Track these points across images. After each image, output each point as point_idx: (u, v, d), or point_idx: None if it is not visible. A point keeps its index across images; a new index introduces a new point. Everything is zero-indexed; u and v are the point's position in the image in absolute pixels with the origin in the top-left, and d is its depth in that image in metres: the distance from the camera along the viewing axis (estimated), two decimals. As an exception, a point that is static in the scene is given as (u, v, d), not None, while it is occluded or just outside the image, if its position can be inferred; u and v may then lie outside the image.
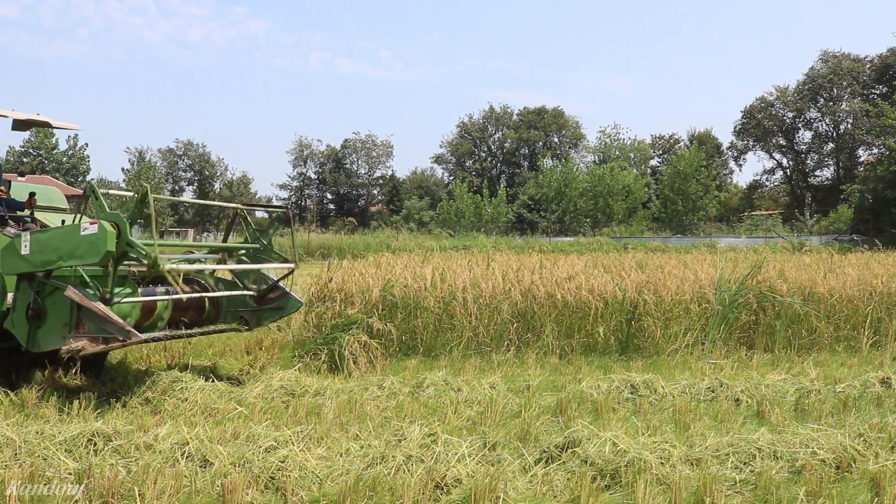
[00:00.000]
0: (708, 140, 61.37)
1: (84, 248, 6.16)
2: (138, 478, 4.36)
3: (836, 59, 54.28)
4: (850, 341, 9.57)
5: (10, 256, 6.50)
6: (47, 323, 6.46)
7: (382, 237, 36.60)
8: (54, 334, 6.41)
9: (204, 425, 5.51)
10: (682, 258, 14.59)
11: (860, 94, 53.19)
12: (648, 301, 9.09)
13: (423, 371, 7.73)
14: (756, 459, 4.87)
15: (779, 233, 39.62)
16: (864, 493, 4.46)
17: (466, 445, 4.92)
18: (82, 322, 6.31)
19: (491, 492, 4.22)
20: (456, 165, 68.63)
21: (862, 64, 53.82)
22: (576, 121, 67.81)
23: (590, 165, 57.42)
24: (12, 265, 6.51)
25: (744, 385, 7.00)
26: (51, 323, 6.44)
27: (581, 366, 8.30)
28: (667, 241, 36.49)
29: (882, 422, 5.79)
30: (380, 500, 4.25)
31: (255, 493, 4.33)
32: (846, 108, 54.08)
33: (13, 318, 6.59)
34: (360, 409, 6.23)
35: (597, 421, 5.92)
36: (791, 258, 14.42)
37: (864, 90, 53.29)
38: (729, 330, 9.34)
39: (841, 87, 54.03)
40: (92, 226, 6.15)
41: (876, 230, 34.54)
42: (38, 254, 6.35)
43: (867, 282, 10.10)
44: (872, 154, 49.38)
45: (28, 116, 8.11)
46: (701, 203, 49.70)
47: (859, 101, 52.26)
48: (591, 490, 4.25)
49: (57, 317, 6.42)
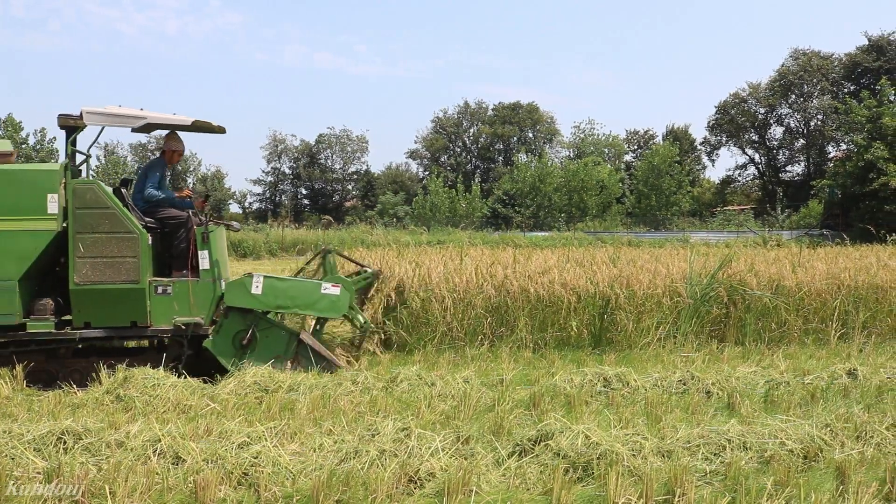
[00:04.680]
0: (683, 136, 61.81)
1: (325, 304, 7.66)
2: (109, 476, 4.32)
3: (806, 57, 54.89)
4: (819, 334, 9.72)
5: (238, 291, 7.46)
6: (258, 351, 7.50)
7: (357, 232, 36.46)
8: (262, 362, 7.38)
9: (176, 422, 5.48)
10: (655, 253, 14.71)
11: (830, 91, 53.86)
12: (621, 295, 9.16)
13: (397, 366, 7.74)
14: (726, 450, 4.94)
15: (750, 227, 40.06)
16: (830, 481, 4.54)
17: (440, 439, 4.93)
18: (299, 357, 7.61)
19: (464, 485, 4.24)
20: (431, 160, 68.56)
21: (831, 62, 54.48)
22: (550, 116, 67.98)
23: (564, 161, 57.61)
24: (239, 299, 7.48)
25: (715, 377, 7.08)
26: (260, 352, 7.49)
27: (554, 360, 8.36)
28: (640, 237, 36.75)
29: (848, 412, 5.90)
30: (353, 495, 4.25)
31: (228, 490, 4.32)
32: (816, 104, 54.74)
33: (216, 339, 7.47)
34: (333, 405, 6.22)
35: (570, 414, 5.97)
36: (761, 252, 14.59)
37: (833, 87, 53.96)
38: (700, 323, 9.45)
39: (811, 85, 54.67)
40: (334, 288, 7.68)
41: (845, 225, 35.04)
42: (271, 296, 7.48)
43: (835, 275, 10.26)
44: (841, 150, 50.07)
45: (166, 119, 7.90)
46: (674, 198, 50.07)
47: (829, 98, 52.92)
48: (563, 483, 4.29)
49: (267, 349, 7.53)
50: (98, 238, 7.08)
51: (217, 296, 7.52)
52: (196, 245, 7.49)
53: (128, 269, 7.12)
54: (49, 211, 6.99)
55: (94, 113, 7.39)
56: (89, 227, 7.08)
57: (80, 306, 7.17)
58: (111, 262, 7.09)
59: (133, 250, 7.13)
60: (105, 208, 7.12)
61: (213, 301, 7.49)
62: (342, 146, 68.17)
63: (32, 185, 7.01)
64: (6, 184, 6.97)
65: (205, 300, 7.45)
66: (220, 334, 7.50)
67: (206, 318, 7.45)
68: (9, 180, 6.98)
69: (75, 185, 7.10)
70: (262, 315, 7.64)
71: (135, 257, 7.13)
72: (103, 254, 7.08)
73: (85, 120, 7.34)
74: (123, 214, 7.19)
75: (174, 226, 7.70)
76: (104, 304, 7.17)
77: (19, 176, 7.07)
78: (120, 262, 7.11)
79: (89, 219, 7.09)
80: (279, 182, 68.78)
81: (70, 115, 7.32)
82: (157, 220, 7.71)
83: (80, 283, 7.06)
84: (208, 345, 7.49)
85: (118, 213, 7.16)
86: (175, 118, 7.83)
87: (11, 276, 6.88)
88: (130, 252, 7.13)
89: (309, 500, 4.17)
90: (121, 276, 7.11)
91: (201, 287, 7.45)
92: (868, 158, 34.02)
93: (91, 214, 7.10)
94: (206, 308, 7.46)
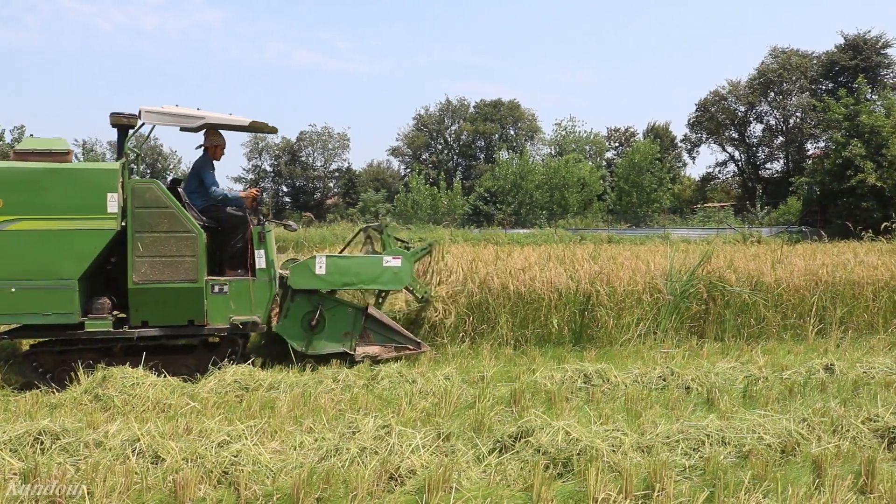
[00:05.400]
0: (664, 133, 62.10)
1: (388, 276, 7.94)
2: (87, 476, 4.29)
3: (785, 55, 55.30)
4: (797, 329, 9.81)
5: (303, 273, 7.75)
6: (326, 331, 7.85)
7: (339, 230, 36.34)
8: (332, 340, 7.87)
9: (155, 421, 5.45)
10: (636, 249, 14.78)
11: (808, 89, 54.32)
12: (601, 292, 9.20)
13: (378, 363, 7.73)
14: (705, 445, 4.98)
15: (730, 224, 40.35)
16: (807, 474, 4.59)
17: (420, 437, 4.94)
18: (367, 333, 8.01)
19: (445, 482, 4.25)
20: (412, 158, 68.45)
21: (809, 60, 54.93)
22: (532, 113, 68.06)
23: (546, 158, 57.70)
24: (305, 281, 7.77)
25: (694, 373, 7.13)
26: (330, 331, 7.87)
27: (535, 356, 8.38)
28: (621, 234, 36.91)
29: (825, 406, 5.97)
30: (334, 493, 4.25)
31: (208, 489, 4.30)
32: (795, 102, 55.18)
33: (284, 324, 7.82)
34: (314, 403, 6.21)
35: (550, 410, 6.00)
36: (740, 249, 14.70)
37: (811, 85, 54.43)
38: (680, 319, 9.51)
39: (790, 83, 55.09)
40: (395, 260, 7.94)
41: (823, 222, 35.39)
42: (335, 275, 7.78)
43: (813, 272, 10.35)
44: (819, 148, 50.52)
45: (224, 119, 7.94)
46: (655, 195, 50.30)
47: (807, 96, 53.38)
48: (543, 479, 4.31)
49: (337, 326, 7.88)
50: (157, 237, 7.14)
51: (272, 294, 7.65)
52: (253, 244, 7.61)
53: (186, 269, 7.19)
54: (109, 210, 6.98)
55: (154, 112, 7.49)
56: (148, 227, 7.13)
57: (138, 305, 7.23)
58: (170, 262, 7.16)
59: (192, 249, 7.19)
60: (164, 207, 7.17)
61: (269, 299, 7.62)
62: (323, 143, 67.93)
63: (92, 184, 6.99)
64: (66, 183, 6.95)
65: (261, 299, 7.58)
66: (289, 318, 7.82)
67: (262, 317, 7.57)
68: (68, 180, 6.97)
69: (134, 185, 7.13)
70: (327, 294, 7.94)
71: (193, 256, 7.19)
72: (162, 253, 7.14)
73: (144, 119, 7.44)
74: (182, 213, 7.24)
75: (231, 225, 7.80)
76: (162, 303, 7.23)
77: (79, 175, 7.05)
78: (179, 262, 7.17)
79: (148, 218, 7.14)
80: (260, 180, 68.44)
81: (122, 113, 7.39)
82: (214, 218, 7.80)
83: (139, 282, 7.12)
84: (278, 330, 7.84)
85: (177, 213, 7.20)
86: (232, 118, 7.94)
87: (72, 276, 6.89)
88: (189, 251, 7.19)
89: (289, 498, 4.16)
90: (179, 275, 7.18)
91: (258, 286, 7.58)
92: (846, 156, 34.36)
93: (150, 213, 7.14)
94: (263, 306, 7.59)
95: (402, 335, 8.16)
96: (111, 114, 7.34)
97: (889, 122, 34.24)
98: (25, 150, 7.18)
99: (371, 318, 8.02)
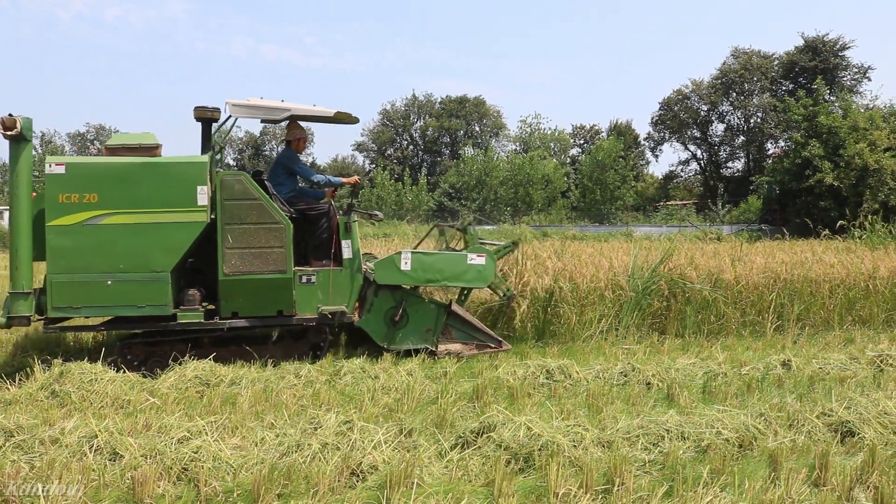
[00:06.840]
0: (626, 131, 62.67)
1: (472, 274, 8.01)
2: (42, 473, 4.22)
3: (746, 56, 56.18)
4: (756, 326, 9.97)
5: (389, 269, 7.84)
6: (409, 326, 7.96)
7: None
8: (414, 336, 7.99)
9: (114, 417, 5.37)
10: (599, 246, 14.89)
11: (769, 89, 55.22)
12: (564, 288, 9.25)
13: (341, 359, 7.70)
14: (665, 440, 5.04)
15: (692, 222, 40.91)
16: (764, 468, 4.67)
17: (382, 432, 4.93)
18: (449, 329, 8.06)
19: (407, 477, 4.25)
20: (377, 153, 68.25)
21: (770, 61, 55.83)
22: (497, 110, 68.30)
23: (510, 154, 57.90)
24: (390, 277, 7.86)
25: (655, 369, 7.21)
26: (412, 327, 7.98)
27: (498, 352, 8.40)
28: (585, 230, 37.19)
29: (781, 402, 6.08)
30: (295, 489, 4.23)
31: (167, 485, 4.25)
32: (756, 102, 56.05)
33: (368, 318, 7.93)
34: (276, 398, 6.17)
35: (512, 406, 6.02)
36: (701, 246, 14.89)
37: (772, 86, 55.32)
38: (642, 316, 9.60)
39: (751, 83, 55.95)
40: (479, 258, 8.01)
41: (783, 220, 36.05)
42: (420, 271, 7.85)
43: (772, 269, 10.52)
44: (779, 147, 51.40)
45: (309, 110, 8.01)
46: (619, 193, 50.77)
47: (768, 96, 54.26)
48: (505, 473, 4.32)
49: (419, 322, 7.99)
50: (246, 229, 7.25)
51: (358, 284, 7.77)
52: (339, 234, 7.74)
53: (275, 260, 7.29)
54: (199, 203, 7.06)
55: (240, 105, 7.63)
56: (237, 218, 7.23)
57: (228, 296, 7.32)
58: (259, 253, 7.25)
59: (280, 240, 7.28)
60: (253, 199, 7.26)
61: (354, 289, 7.76)
62: (288, 138, 67.32)
63: (182, 177, 7.07)
64: (157, 177, 7.04)
65: (348, 289, 7.72)
66: (372, 313, 7.93)
67: (349, 307, 7.70)
68: (159, 173, 7.06)
69: (223, 177, 7.21)
70: (410, 291, 8.06)
71: (282, 247, 7.29)
72: (251, 244, 7.24)
73: (231, 112, 7.57)
74: (269, 205, 7.30)
75: (316, 216, 7.89)
76: (252, 294, 7.33)
77: (169, 169, 7.11)
78: (268, 253, 7.27)
79: (237, 210, 7.24)
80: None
81: (207, 107, 7.49)
82: (299, 210, 7.83)
83: (230, 273, 7.21)
84: (361, 324, 7.93)
85: (265, 204, 7.30)
86: (317, 109, 8.03)
87: (165, 268, 7.03)
88: (278, 242, 7.28)
89: (249, 494, 4.13)
90: (269, 266, 7.28)
91: (344, 276, 7.72)
92: (805, 156, 35.05)
93: (239, 205, 7.24)
94: (348, 296, 7.73)
95: (484, 333, 8.17)
96: (195, 107, 7.43)
97: (846, 123, 34.99)
98: (116, 146, 7.25)
99: (454, 316, 8.07)
